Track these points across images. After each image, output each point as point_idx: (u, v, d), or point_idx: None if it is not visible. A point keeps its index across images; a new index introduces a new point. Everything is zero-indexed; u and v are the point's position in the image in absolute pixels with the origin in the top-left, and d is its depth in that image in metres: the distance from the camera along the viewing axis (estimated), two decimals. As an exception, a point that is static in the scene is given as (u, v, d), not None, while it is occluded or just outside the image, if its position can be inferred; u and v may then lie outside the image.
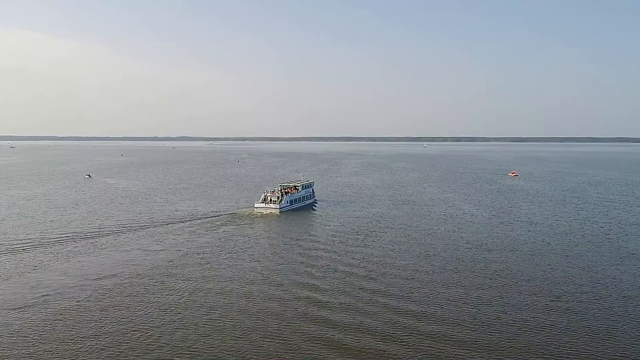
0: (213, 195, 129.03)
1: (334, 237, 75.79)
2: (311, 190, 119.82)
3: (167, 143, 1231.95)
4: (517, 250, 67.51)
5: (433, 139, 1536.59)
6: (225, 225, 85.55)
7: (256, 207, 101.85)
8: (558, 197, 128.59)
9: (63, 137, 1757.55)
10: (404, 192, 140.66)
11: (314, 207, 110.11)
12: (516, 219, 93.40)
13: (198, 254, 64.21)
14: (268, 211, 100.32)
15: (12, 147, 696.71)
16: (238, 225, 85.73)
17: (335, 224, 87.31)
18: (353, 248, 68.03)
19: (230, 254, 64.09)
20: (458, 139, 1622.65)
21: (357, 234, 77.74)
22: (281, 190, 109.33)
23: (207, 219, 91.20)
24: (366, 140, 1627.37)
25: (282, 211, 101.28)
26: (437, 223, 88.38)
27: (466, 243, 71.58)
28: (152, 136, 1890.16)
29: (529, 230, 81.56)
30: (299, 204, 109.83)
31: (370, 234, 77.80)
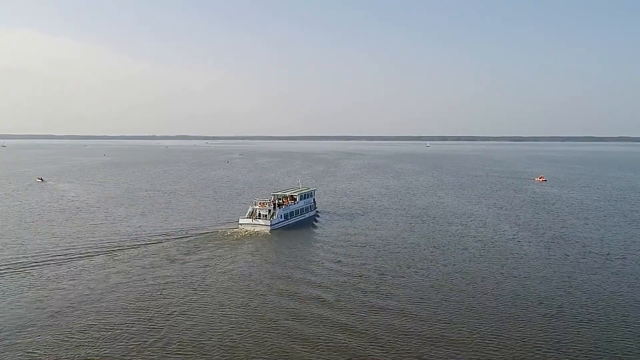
0: (183, 208, 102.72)
1: (336, 281, 49.69)
2: (312, 201, 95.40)
3: (163, 142, 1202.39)
4: (624, 318, 41.38)
5: (433, 138, 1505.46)
6: (181, 256, 59.50)
7: (240, 224, 78.40)
8: (613, 210, 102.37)
9: (62, 136, 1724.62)
10: (417, 203, 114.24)
11: (314, 223, 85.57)
12: (583, 248, 67.21)
13: (111, 309, 38.04)
14: (256, 229, 76.60)
15: (3, 146, 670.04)
16: (194, 259, 59.25)
17: (337, 256, 61.91)
18: (361, 302, 42.07)
19: (165, 324, 37.92)
20: (458, 138, 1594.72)
21: (366, 275, 51.80)
22: (274, 200, 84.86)
23: (161, 245, 65.99)
24: (366, 140, 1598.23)
25: (274, 229, 77.54)
26: (472, 257, 62.10)
27: (538, 302, 45.12)
28: (151, 135, 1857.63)
29: (612, 271, 55.38)
30: (297, 218, 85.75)
31: (383, 277, 51.67)
